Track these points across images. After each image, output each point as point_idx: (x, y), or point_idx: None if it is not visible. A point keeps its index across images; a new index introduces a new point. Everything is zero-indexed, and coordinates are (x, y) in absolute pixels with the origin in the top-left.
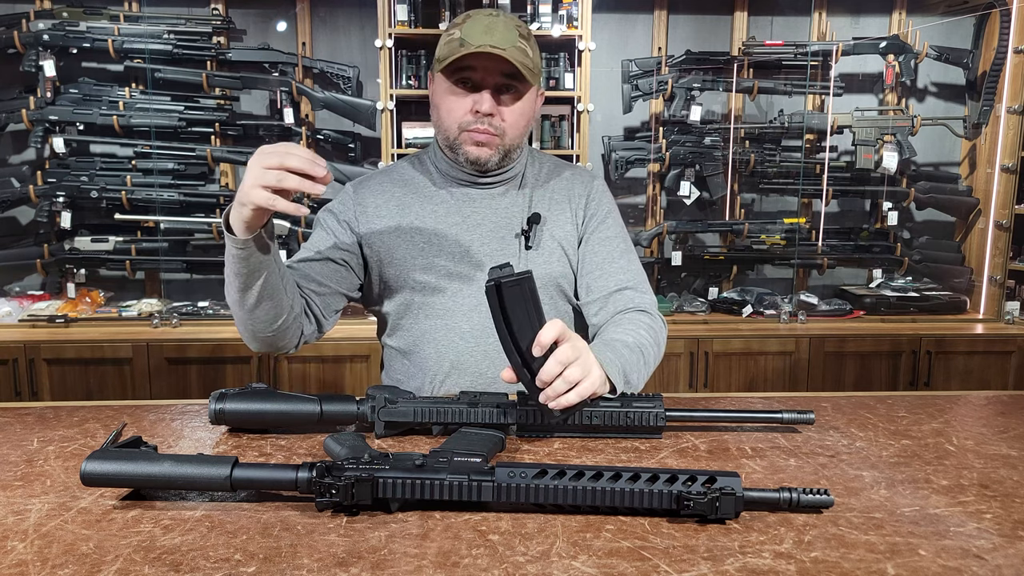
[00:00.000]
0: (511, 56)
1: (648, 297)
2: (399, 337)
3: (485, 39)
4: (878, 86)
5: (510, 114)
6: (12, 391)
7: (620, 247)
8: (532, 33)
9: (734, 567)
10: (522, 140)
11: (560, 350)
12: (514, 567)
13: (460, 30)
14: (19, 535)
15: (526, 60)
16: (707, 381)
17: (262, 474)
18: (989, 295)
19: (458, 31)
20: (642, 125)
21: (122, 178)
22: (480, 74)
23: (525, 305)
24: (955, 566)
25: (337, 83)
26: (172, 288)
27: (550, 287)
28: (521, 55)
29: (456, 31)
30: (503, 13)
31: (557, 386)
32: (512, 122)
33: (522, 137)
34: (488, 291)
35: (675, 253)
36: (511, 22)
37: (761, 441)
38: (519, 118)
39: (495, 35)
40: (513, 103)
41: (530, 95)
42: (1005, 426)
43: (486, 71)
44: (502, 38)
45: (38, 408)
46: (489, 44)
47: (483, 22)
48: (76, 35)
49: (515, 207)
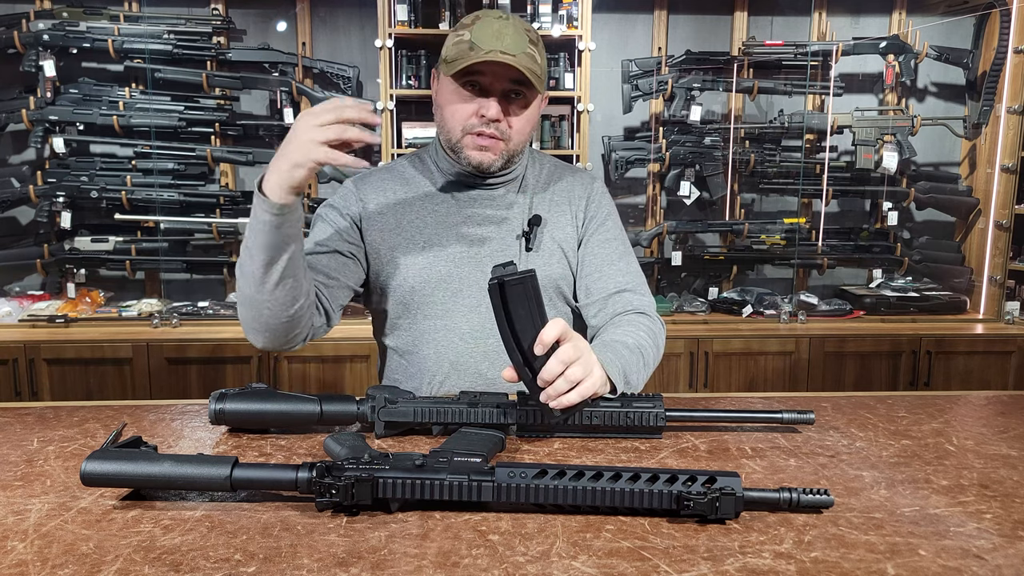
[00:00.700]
0: (521, 63)
1: (647, 299)
2: (397, 337)
3: (496, 44)
4: (878, 86)
5: (516, 121)
6: (12, 391)
7: (619, 249)
8: (540, 40)
9: (734, 567)
10: (525, 145)
11: (562, 349)
12: (514, 567)
13: (470, 32)
14: (19, 535)
15: (535, 67)
16: (707, 381)
17: (262, 474)
18: (989, 295)
19: (468, 33)
20: (642, 125)
21: (122, 178)
22: (489, 79)
23: (528, 304)
24: (955, 566)
25: (337, 83)
26: (172, 288)
27: (550, 289)
28: (530, 62)
29: (466, 32)
30: (512, 17)
31: (559, 385)
32: (518, 128)
33: (526, 142)
34: (491, 289)
35: (675, 253)
36: (521, 26)
37: (761, 441)
38: (525, 124)
39: (506, 40)
40: (520, 110)
41: (536, 101)
42: (1005, 426)
43: (495, 76)
44: (512, 44)
45: (38, 408)
46: (500, 50)
47: (493, 26)
48: (76, 35)
49: (516, 208)
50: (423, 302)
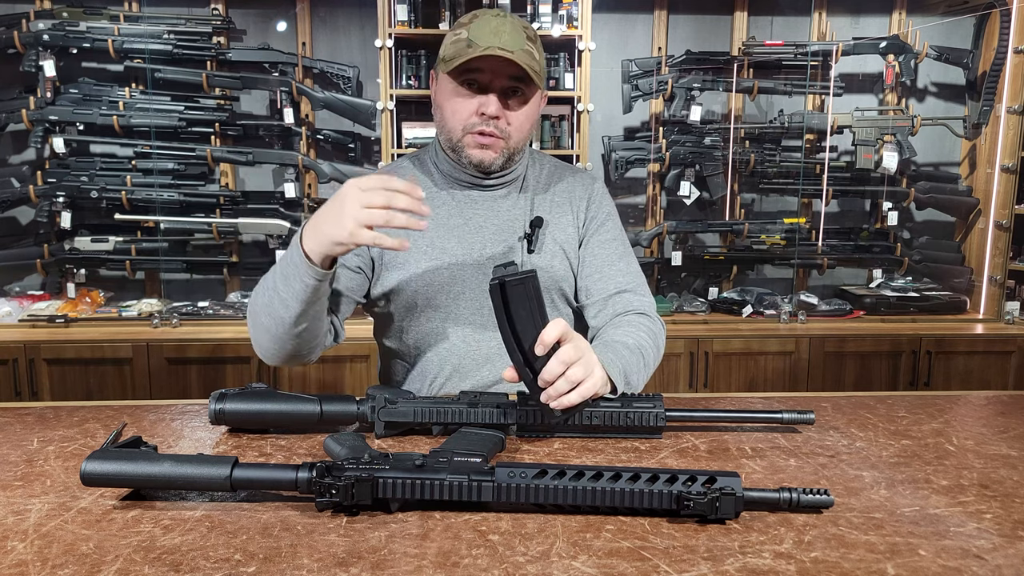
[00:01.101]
0: (519, 59)
1: (647, 299)
2: (398, 339)
3: (494, 41)
4: (878, 86)
5: (516, 117)
6: (12, 391)
7: (619, 250)
8: (538, 37)
9: (734, 567)
10: (526, 143)
11: (563, 350)
12: (514, 567)
13: (467, 30)
14: (19, 535)
15: (533, 63)
16: (707, 381)
17: (262, 474)
18: (989, 295)
19: (465, 31)
20: (642, 125)
21: (122, 178)
22: (488, 76)
23: (528, 304)
24: (955, 566)
25: (337, 83)
26: (172, 288)
27: (552, 290)
28: (528, 58)
29: (463, 31)
30: (510, 15)
31: (559, 386)
32: (518, 125)
33: (526, 140)
34: (492, 290)
35: (675, 253)
36: (519, 24)
37: (761, 441)
38: (524, 121)
39: (503, 37)
40: (519, 106)
41: (535, 98)
42: (1005, 426)
43: (494, 73)
44: (511, 40)
45: (38, 408)
46: (498, 46)
47: (491, 23)
48: (76, 35)
49: (517, 210)
50: (426, 305)
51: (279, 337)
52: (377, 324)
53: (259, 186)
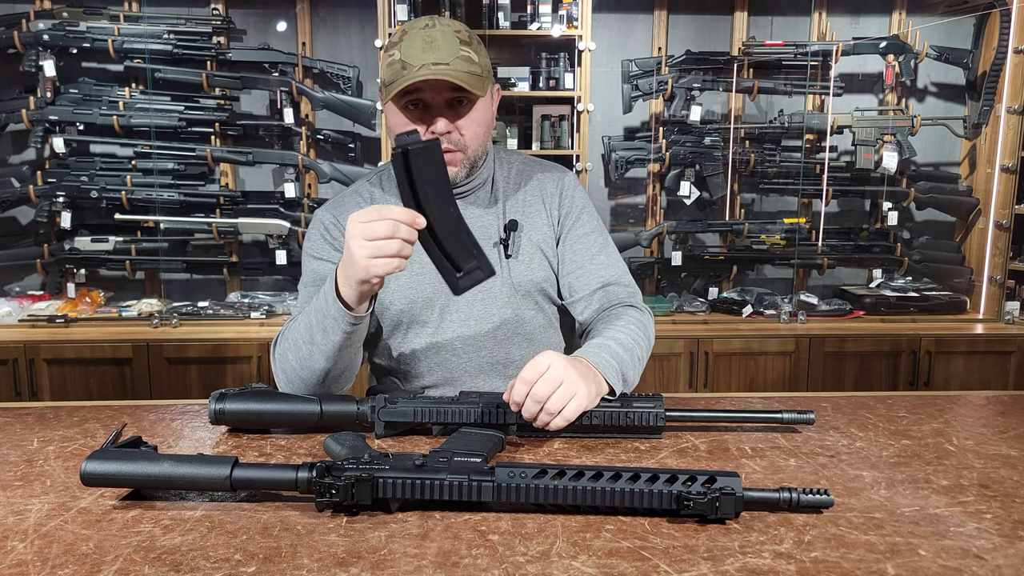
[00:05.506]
0: (455, 71)
1: (631, 289)
2: (389, 356)
3: (427, 57)
4: (878, 86)
5: (468, 126)
6: (12, 391)
7: (598, 242)
8: (474, 35)
9: (734, 567)
10: (485, 147)
11: (535, 388)
12: (514, 567)
13: (399, 50)
14: (19, 535)
15: (472, 68)
16: (707, 381)
17: (262, 474)
18: (989, 295)
19: (397, 51)
20: (642, 125)
21: (122, 178)
22: (429, 94)
23: (435, 172)
24: (955, 566)
25: (337, 83)
26: (172, 288)
27: (535, 292)
28: (466, 64)
29: (395, 52)
30: (439, 20)
31: (542, 419)
32: (472, 133)
33: (485, 144)
34: (394, 159)
35: (675, 253)
36: (449, 29)
37: (761, 441)
38: (478, 127)
39: (437, 50)
40: (469, 113)
41: (485, 100)
42: (1005, 426)
43: (434, 90)
44: (445, 51)
45: (38, 408)
46: (432, 63)
47: (420, 37)
48: (76, 35)
49: (490, 216)
50: (412, 322)
51: (311, 386)
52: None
53: (259, 186)
